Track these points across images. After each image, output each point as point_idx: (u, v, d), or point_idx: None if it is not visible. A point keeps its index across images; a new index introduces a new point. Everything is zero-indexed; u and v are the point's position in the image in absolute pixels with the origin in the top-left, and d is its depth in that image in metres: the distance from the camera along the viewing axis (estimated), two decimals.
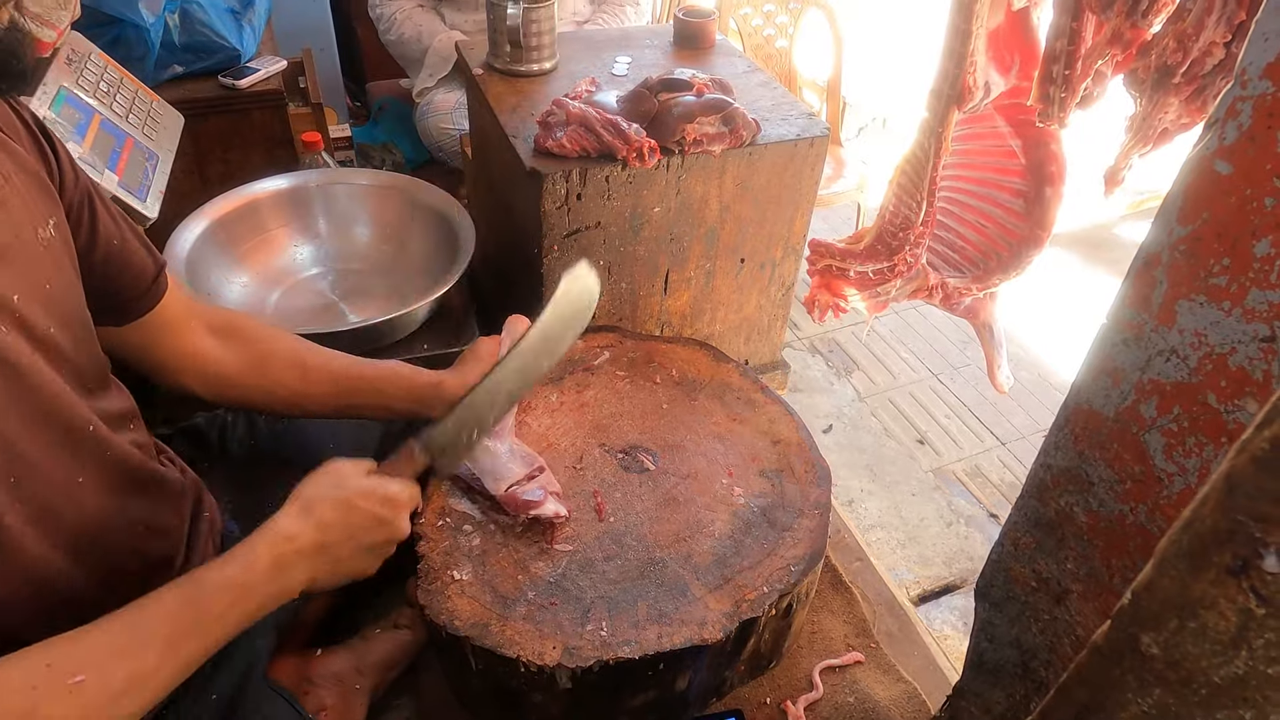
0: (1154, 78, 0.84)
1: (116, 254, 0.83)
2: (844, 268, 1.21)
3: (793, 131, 1.33)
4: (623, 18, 2.16)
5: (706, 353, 1.31)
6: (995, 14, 0.98)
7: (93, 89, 1.36)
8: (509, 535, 1.01)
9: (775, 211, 1.39)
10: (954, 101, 1.00)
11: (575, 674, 0.88)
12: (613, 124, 1.20)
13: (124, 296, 0.85)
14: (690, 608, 0.94)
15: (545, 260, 1.28)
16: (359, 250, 1.61)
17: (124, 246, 0.84)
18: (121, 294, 0.85)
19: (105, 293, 0.83)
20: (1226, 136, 0.48)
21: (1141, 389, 0.57)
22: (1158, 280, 0.54)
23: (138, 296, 0.86)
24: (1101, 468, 0.62)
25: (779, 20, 2.55)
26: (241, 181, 1.53)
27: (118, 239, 0.83)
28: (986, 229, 1.18)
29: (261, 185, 1.54)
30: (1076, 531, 0.67)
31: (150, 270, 0.87)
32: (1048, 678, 0.75)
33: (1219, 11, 0.78)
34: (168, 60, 1.72)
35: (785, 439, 1.16)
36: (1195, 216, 0.51)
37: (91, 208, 0.80)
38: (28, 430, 0.67)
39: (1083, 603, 0.69)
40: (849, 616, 1.21)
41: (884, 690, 1.11)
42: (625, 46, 1.59)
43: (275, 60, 1.84)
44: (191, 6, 1.71)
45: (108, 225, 0.82)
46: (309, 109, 1.92)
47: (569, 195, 1.22)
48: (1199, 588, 0.34)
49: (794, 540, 1.03)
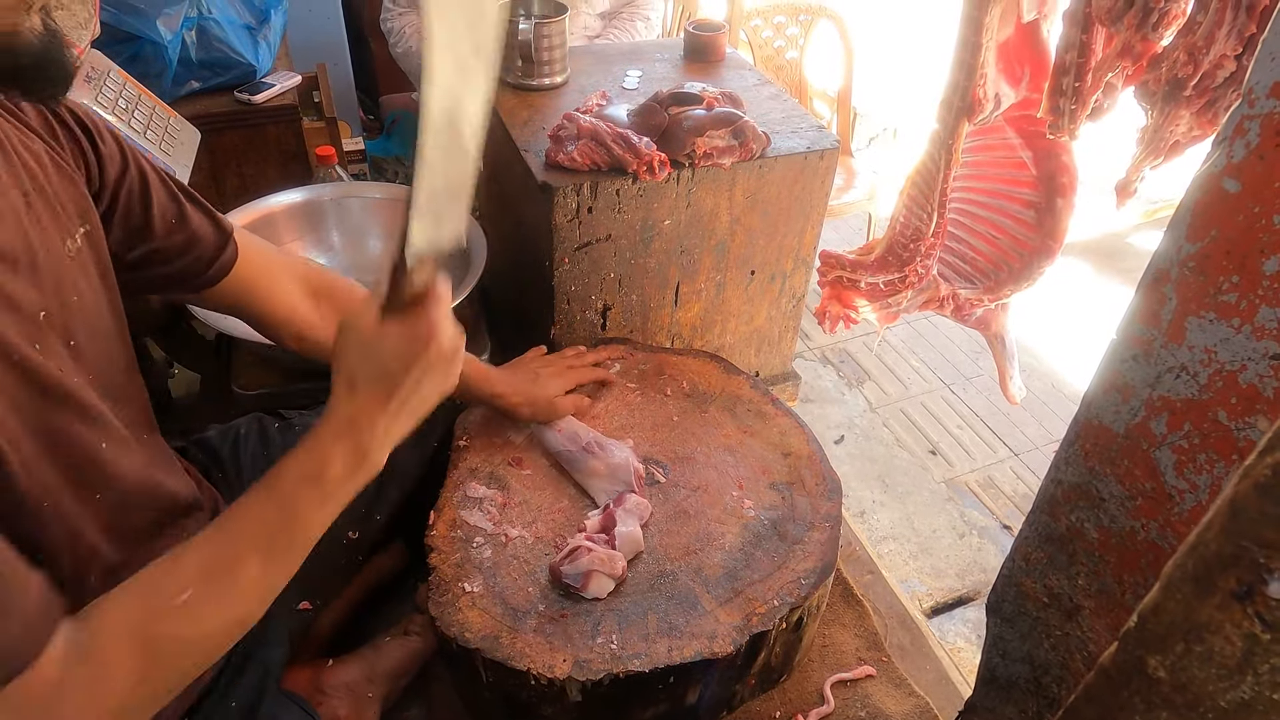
0: (1165, 90, 0.84)
1: (177, 229, 0.84)
2: (855, 279, 1.21)
3: (803, 144, 1.33)
4: (633, 32, 2.17)
5: (717, 365, 1.31)
6: (1005, 26, 0.98)
7: (111, 105, 1.39)
8: (520, 547, 1.01)
9: (786, 224, 1.40)
10: (964, 113, 1.00)
11: (585, 687, 0.88)
12: (623, 138, 1.21)
13: (192, 270, 0.87)
14: (700, 621, 0.94)
15: (556, 273, 1.29)
16: (373, 262, 1.62)
17: (183, 221, 0.85)
18: (189, 267, 0.87)
19: (171, 267, 0.85)
20: (1235, 154, 0.48)
21: (1151, 405, 0.57)
22: (1167, 296, 0.54)
23: (205, 268, 0.88)
24: (1112, 484, 0.62)
25: (789, 32, 2.56)
26: (257, 195, 1.55)
27: (175, 215, 0.84)
28: (998, 240, 1.18)
29: (276, 199, 1.56)
30: (1088, 547, 0.67)
31: (213, 241, 0.88)
32: (1060, 694, 0.75)
33: (1230, 24, 0.78)
34: (185, 76, 1.75)
35: (796, 451, 1.16)
36: (1204, 233, 0.51)
37: (145, 187, 0.81)
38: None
39: (1095, 619, 0.68)
40: (860, 630, 1.20)
41: (896, 704, 1.10)
42: (636, 60, 1.60)
43: (290, 75, 1.86)
44: (208, 23, 1.74)
45: (163, 203, 0.83)
46: (323, 123, 1.95)
47: (580, 208, 1.23)
48: (1204, 612, 0.34)
49: (804, 553, 1.02)
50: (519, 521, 1.04)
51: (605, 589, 0.96)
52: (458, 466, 1.11)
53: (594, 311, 1.37)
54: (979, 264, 1.22)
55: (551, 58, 1.44)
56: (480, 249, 1.47)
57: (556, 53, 1.44)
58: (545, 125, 1.31)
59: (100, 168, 0.78)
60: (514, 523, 1.04)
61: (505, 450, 1.15)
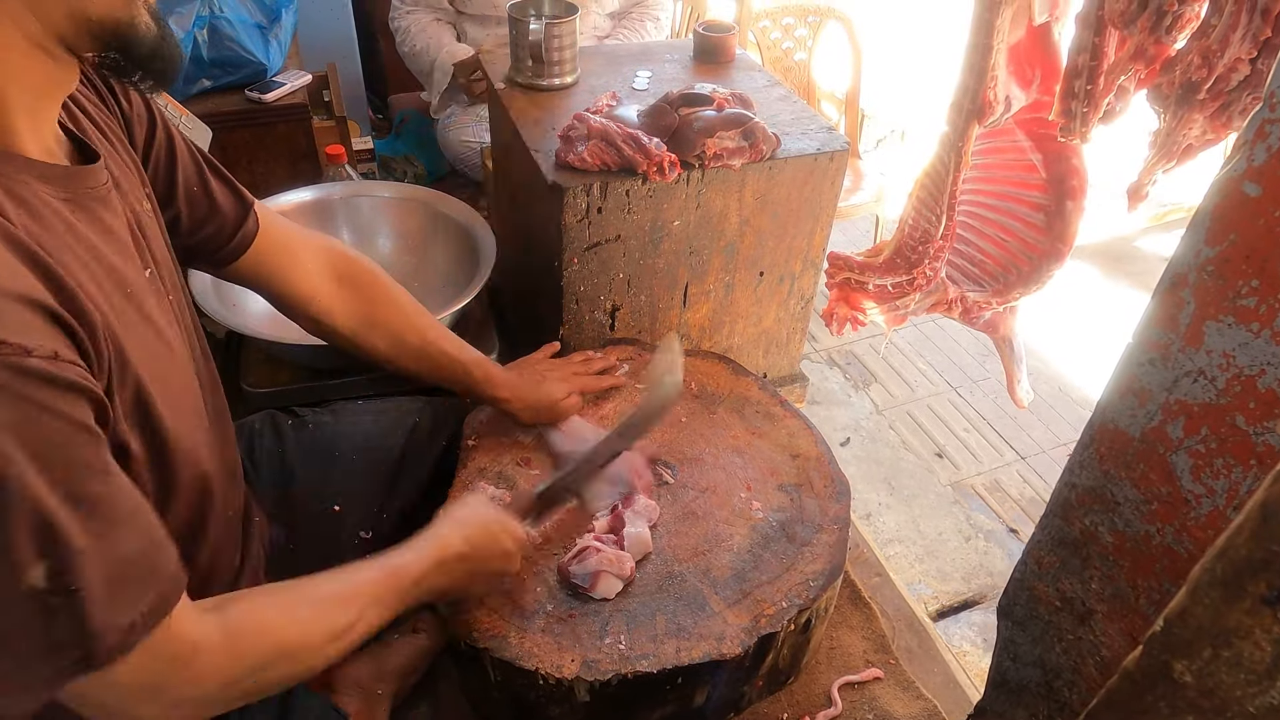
0: (1178, 93, 0.84)
1: (199, 199, 0.85)
2: (863, 281, 1.20)
3: (813, 146, 1.33)
4: (643, 33, 2.17)
5: (725, 366, 1.31)
6: (1016, 29, 0.98)
7: None
8: (528, 548, 1.01)
9: (795, 225, 1.40)
10: (974, 116, 1.00)
11: (593, 687, 0.88)
12: (633, 138, 1.21)
13: (213, 242, 0.88)
14: (709, 622, 0.94)
15: (565, 273, 1.29)
16: (381, 261, 1.61)
17: (205, 191, 0.86)
18: (210, 239, 0.87)
19: (193, 239, 0.86)
20: (1255, 158, 0.48)
21: (1168, 409, 0.57)
22: (1185, 301, 0.54)
23: (226, 240, 0.89)
24: (1127, 488, 0.62)
25: (798, 33, 2.56)
26: (267, 193, 1.55)
27: (197, 185, 0.85)
28: (1007, 243, 1.18)
29: (286, 197, 1.56)
30: (1102, 551, 0.66)
31: (234, 214, 0.89)
32: (1071, 698, 0.74)
33: (1244, 28, 0.78)
34: (196, 74, 1.75)
35: (804, 453, 1.16)
36: (1223, 237, 0.51)
37: (171, 151, 0.83)
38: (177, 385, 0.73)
39: (1107, 623, 0.68)
40: (868, 632, 1.20)
41: (903, 707, 1.10)
42: (646, 61, 1.60)
43: (300, 74, 1.87)
44: (220, 22, 1.75)
45: (188, 170, 0.84)
46: (333, 122, 1.95)
47: (590, 208, 1.23)
48: (1233, 617, 0.34)
49: (813, 555, 1.02)
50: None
51: (614, 590, 0.96)
52: (466, 466, 1.12)
53: (603, 312, 1.37)
54: (988, 267, 1.22)
55: (562, 58, 1.44)
56: (489, 248, 1.47)
57: (567, 53, 1.44)
58: (555, 125, 1.31)
59: (128, 129, 0.79)
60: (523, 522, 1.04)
61: (514, 450, 1.15)
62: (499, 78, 1.49)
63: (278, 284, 0.96)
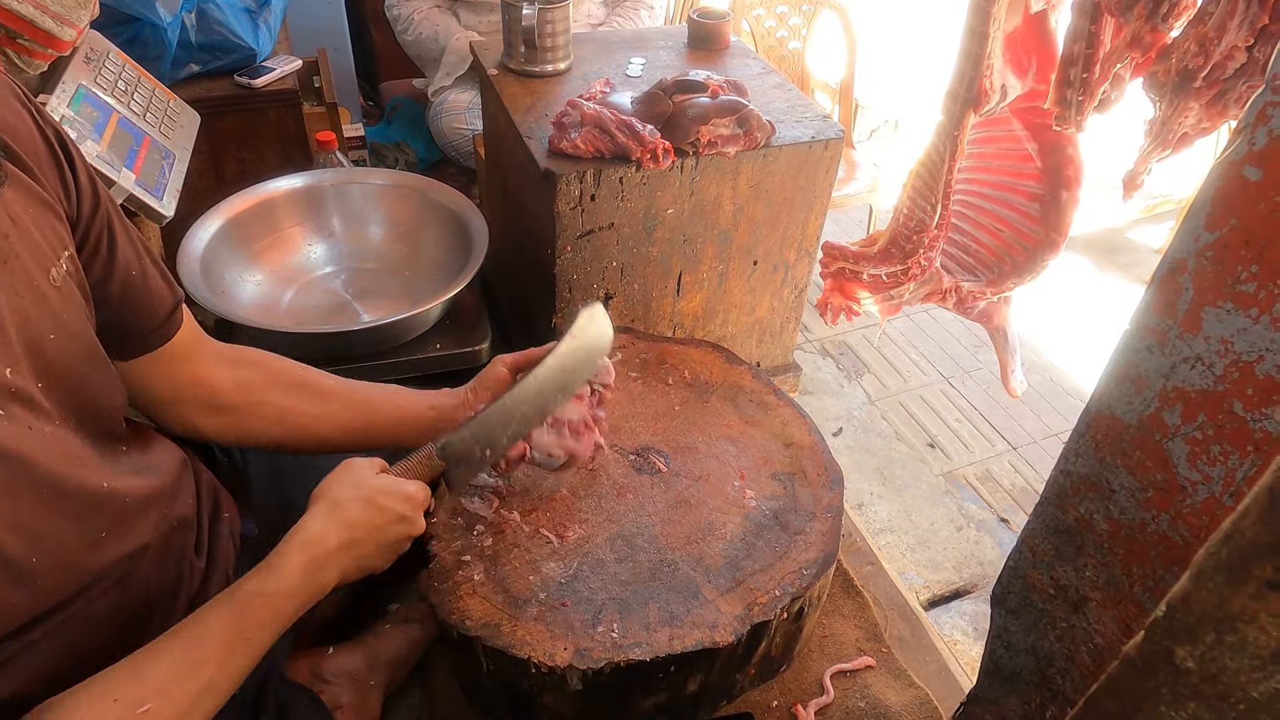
0: (1174, 81, 0.83)
1: (136, 285, 0.79)
2: (857, 270, 1.20)
3: (807, 134, 1.32)
4: (637, 19, 2.16)
5: (719, 354, 1.30)
6: (1012, 17, 0.97)
7: (111, 87, 1.37)
8: (521, 536, 1.01)
9: (789, 214, 1.39)
10: (970, 104, 0.99)
11: (586, 675, 0.88)
12: (627, 125, 1.20)
13: (138, 330, 0.81)
14: (701, 610, 0.94)
15: (558, 261, 1.28)
16: (373, 249, 1.61)
17: (144, 277, 0.80)
18: (136, 327, 0.81)
19: (119, 325, 0.79)
20: (1256, 142, 0.47)
21: (1165, 396, 0.57)
22: (1183, 287, 0.54)
23: (152, 330, 0.82)
24: (1123, 475, 0.62)
25: (792, 22, 2.55)
26: (256, 180, 1.54)
27: (137, 270, 0.79)
28: (1001, 232, 1.18)
29: (276, 184, 1.54)
30: (1096, 539, 0.66)
31: (168, 303, 0.83)
32: (1064, 686, 0.74)
33: (1241, 15, 0.78)
34: (184, 59, 1.73)
35: (797, 442, 1.16)
36: (1223, 222, 0.51)
37: (111, 235, 0.76)
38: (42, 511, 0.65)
39: (1101, 611, 0.68)
40: (860, 621, 1.20)
41: (895, 695, 1.10)
42: (640, 48, 1.59)
43: (290, 60, 1.85)
44: (208, 6, 1.72)
45: (127, 255, 0.78)
46: (323, 108, 1.93)
47: (583, 196, 1.22)
48: (1238, 601, 0.34)
49: (806, 543, 1.02)
50: (519, 509, 1.04)
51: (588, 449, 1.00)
52: None
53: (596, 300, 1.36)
54: (982, 256, 1.21)
55: (555, 44, 1.43)
56: (482, 236, 1.46)
57: (560, 39, 1.43)
58: (548, 112, 1.30)
59: (78, 193, 0.72)
60: (514, 511, 1.04)
61: None
62: (491, 64, 1.48)
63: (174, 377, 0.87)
